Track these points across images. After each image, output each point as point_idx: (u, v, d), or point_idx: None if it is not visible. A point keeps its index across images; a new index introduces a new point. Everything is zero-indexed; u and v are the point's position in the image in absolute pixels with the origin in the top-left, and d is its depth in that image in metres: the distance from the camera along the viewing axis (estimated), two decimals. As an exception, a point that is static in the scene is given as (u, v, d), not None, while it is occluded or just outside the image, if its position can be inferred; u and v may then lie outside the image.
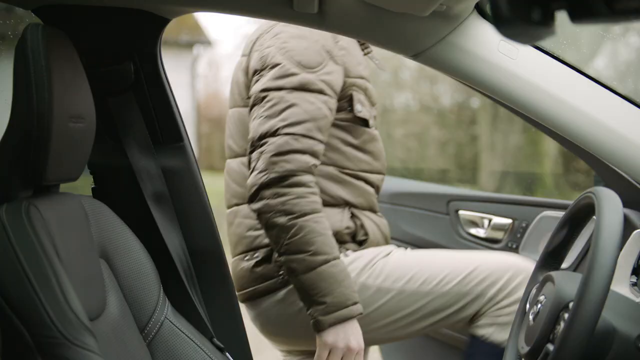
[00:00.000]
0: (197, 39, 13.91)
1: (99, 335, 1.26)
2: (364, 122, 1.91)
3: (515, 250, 2.40)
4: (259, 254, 1.88)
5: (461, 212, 2.65)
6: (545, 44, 1.54)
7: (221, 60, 15.87)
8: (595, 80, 1.52)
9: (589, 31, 2.01)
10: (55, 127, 1.28)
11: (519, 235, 2.39)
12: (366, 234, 1.91)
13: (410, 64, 6.03)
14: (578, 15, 0.59)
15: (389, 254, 1.91)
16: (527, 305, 1.43)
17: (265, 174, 1.71)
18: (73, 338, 1.16)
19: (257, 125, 1.77)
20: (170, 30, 1.66)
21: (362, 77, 1.90)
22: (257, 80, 1.82)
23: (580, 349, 1.14)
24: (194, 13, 1.66)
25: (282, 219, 1.71)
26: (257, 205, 1.74)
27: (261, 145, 1.74)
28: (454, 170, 6.47)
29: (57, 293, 1.18)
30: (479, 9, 1.49)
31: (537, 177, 5.29)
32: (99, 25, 1.62)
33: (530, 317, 1.34)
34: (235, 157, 1.96)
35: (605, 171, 1.92)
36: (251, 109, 1.82)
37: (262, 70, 1.82)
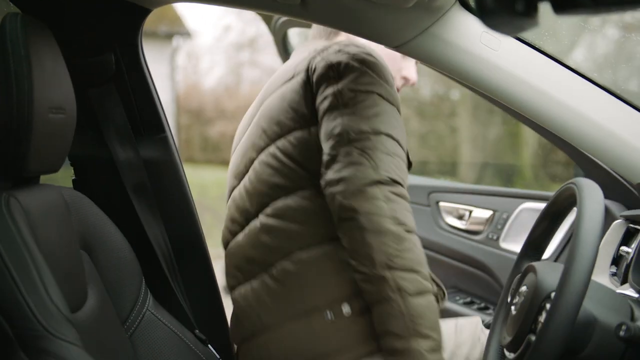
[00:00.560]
0: (177, 31, 13.80)
1: (80, 327, 1.25)
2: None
3: (496, 241, 2.40)
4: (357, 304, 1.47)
5: (442, 203, 2.64)
6: (527, 35, 1.54)
7: (200, 52, 15.79)
8: (575, 72, 1.52)
9: (568, 23, 2.02)
10: (35, 118, 1.27)
11: (499, 227, 2.40)
12: None
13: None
14: (561, 6, 0.59)
15: None
16: (509, 296, 1.44)
17: (376, 171, 1.40)
18: (54, 330, 1.15)
19: (348, 121, 1.45)
20: (149, 22, 1.64)
21: None
22: (331, 85, 1.50)
23: (562, 338, 1.14)
24: (174, 4, 1.64)
25: (395, 227, 1.38)
26: (361, 203, 1.38)
27: (359, 140, 1.43)
28: (434, 162, 6.49)
29: (38, 285, 1.17)
30: (462, 1, 1.49)
31: (517, 168, 5.32)
32: (79, 16, 1.60)
33: (512, 307, 1.35)
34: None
35: (585, 162, 1.94)
36: (325, 113, 1.49)
37: (336, 76, 1.50)
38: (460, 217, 2.59)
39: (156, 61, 11.16)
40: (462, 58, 1.49)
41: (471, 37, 1.49)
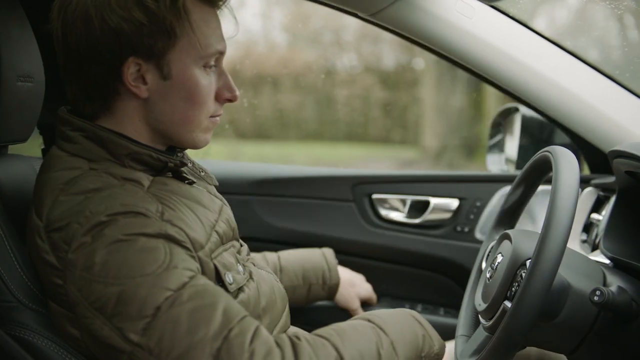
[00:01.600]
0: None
1: None
2: None
3: (468, 233, 2.12)
4: None
5: (376, 196, 2.21)
6: (500, 4, 1.54)
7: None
8: (549, 40, 1.53)
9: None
10: (3, 86, 1.23)
11: (471, 217, 2.11)
12: None
13: (352, 24, 5.99)
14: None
15: None
16: (484, 263, 1.45)
17: None
18: (27, 301, 1.13)
19: None
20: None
21: None
22: None
23: (538, 304, 1.15)
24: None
25: None
26: None
27: None
28: (397, 131, 6.51)
29: (10, 256, 1.15)
30: (437, -32, 1.48)
31: (480, 138, 5.37)
32: None
33: (487, 274, 1.36)
34: None
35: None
36: None
37: None
38: (411, 210, 2.17)
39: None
40: (437, 26, 1.49)
41: (446, 5, 1.48)
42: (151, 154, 1.19)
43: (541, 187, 1.43)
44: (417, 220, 2.15)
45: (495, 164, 2.31)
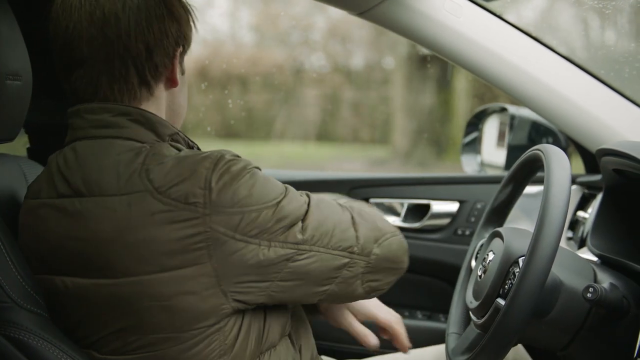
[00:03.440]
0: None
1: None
2: None
3: (469, 237, 2.05)
4: None
5: (373, 200, 2.17)
6: (489, 4, 1.55)
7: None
8: (536, 40, 1.55)
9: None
10: None
11: (473, 220, 2.05)
12: None
13: (321, 24, 6.00)
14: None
15: None
16: (473, 262, 1.46)
17: None
18: (22, 301, 1.11)
19: None
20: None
21: None
22: None
23: (532, 302, 1.16)
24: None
25: None
26: None
27: None
28: (367, 131, 6.53)
29: (4, 256, 1.13)
30: (425, -33, 1.49)
31: (450, 137, 5.40)
32: None
33: (479, 272, 1.36)
34: None
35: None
36: None
37: None
38: (410, 214, 2.12)
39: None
40: (425, 25, 1.49)
41: (435, 4, 1.49)
42: (183, 136, 1.25)
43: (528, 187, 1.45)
44: (416, 224, 2.11)
45: (470, 165, 2.31)
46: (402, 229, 2.04)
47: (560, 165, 1.22)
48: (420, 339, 1.95)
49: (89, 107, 1.21)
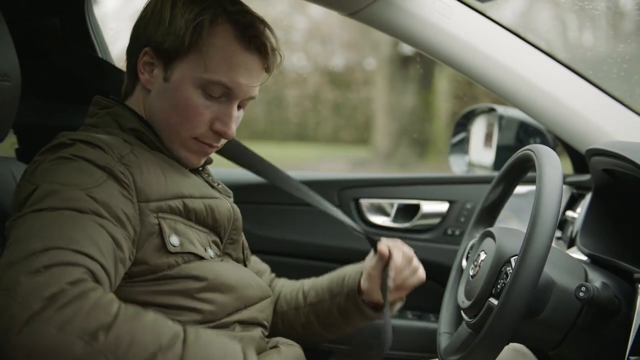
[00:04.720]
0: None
1: None
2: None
3: (459, 237, 2.04)
4: None
5: (363, 200, 2.13)
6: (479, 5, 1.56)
7: (105, 19, 15.21)
8: (525, 40, 1.55)
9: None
10: None
11: (462, 220, 2.05)
12: None
13: (302, 25, 5.99)
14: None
15: None
16: (464, 261, 1.46)
17: None
18: None
19: None
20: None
21: None
22: None
23: (525, 301, 1.17)
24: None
25: None
26: None
27: None
28: (348, 131, 6.53)
29: None
30: (415, -32, 1.49)
31: (431, 138, 5.42)
32: None
33: (470, 272, 1.36)
34: None
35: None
36: None
37: None
38: (400, 214, 2.10)
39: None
40: (416, 25, 1.50)
41: (425, 4, 1.49)
42: (152, 138, 1.29)
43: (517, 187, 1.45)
44: (406, 225, 2.09)
45: (459, 165, 2.32)
46: (392, 229, 2.06)
47: (552, 165, 1.23)
48: (410, 339, 1.96)
49: (96, 99, 1.37)
